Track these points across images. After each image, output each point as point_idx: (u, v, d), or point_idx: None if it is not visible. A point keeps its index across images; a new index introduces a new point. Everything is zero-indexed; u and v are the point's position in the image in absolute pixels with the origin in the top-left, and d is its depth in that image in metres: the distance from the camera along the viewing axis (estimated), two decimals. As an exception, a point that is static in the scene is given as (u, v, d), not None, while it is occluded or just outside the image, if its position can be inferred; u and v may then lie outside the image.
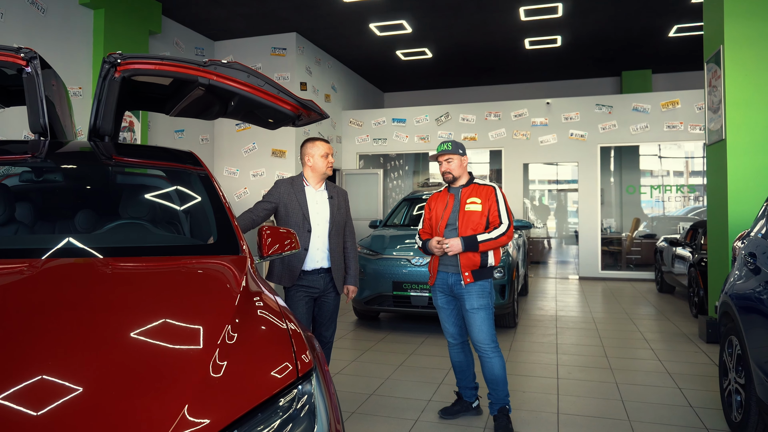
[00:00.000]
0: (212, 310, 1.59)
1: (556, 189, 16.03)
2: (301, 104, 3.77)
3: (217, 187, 2.65)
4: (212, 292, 1.73)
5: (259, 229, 2.63)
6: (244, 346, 1.44)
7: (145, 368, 1.30)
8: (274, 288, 2.15)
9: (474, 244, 3.38)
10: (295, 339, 1.54)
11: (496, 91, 13.81)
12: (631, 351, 5.38)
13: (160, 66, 3.39)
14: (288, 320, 1.67)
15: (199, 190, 2.59)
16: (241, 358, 1.38)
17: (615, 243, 12.22)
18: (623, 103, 10.80)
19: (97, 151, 2.99)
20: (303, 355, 1.49)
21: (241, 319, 1.55)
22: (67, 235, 2.36)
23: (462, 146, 3.59)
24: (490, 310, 3.47)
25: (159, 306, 1.59)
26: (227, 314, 1.54)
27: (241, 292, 1.72)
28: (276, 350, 1.47)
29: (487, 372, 3.49)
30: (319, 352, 1.67)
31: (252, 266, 2.18)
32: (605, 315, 7.24)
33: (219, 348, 1.39)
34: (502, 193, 3.57)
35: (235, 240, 2.27)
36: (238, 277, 1.87)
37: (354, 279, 3.74)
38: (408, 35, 10.09)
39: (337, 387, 4.28)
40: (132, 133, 7.30)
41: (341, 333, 6.15)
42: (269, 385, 1.33)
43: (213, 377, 1.30)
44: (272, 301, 1.78)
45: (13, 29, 6.17)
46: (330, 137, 11.35)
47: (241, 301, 1.66)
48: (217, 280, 1.86)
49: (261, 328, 1.57)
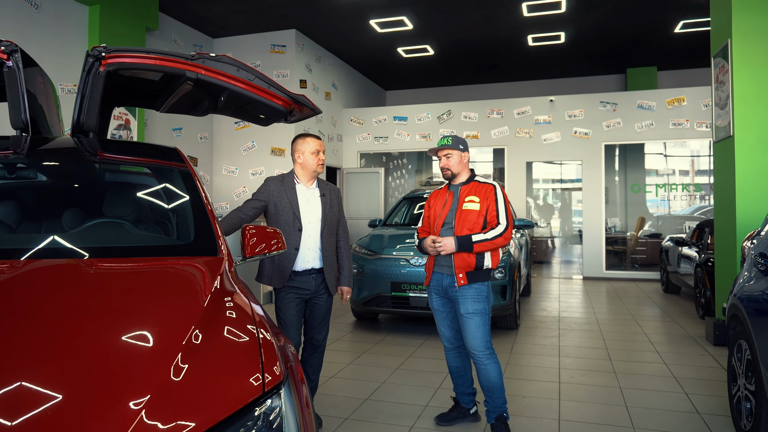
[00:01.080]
0: (174, 317, 1.46)
1: (560, 188, 15.85)
2: (293, 99, 3.65)
3: (198, 184, 2.53)
4: (177, 297, 1.60)
5: (243, 228, 2.51)
6: (205, 358, 1.31)
7: (87, 384, 1.17)
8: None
9: (468, 244, 3.24)
10: (265, 349, 1.41)
11: (499, 89, 13.66)
12: (636, 354, 5.23)
13: (145, 59, 3.27)
14: (261, 328, 1.54)
15: (179, 187, 2.47)
16: (199, 373, 1.25)
17: (620, 242, 12.05)
18: (628, 100, 10.63)
19: (77, 147, 2.87)
20: (273, 367, 1.36)
21: (206, 327, 1.42)
22: (39, 234, 2.24)
23: (463, 141, 3.44)
24: (485, 315, 3.33)
25: (117, 312, 1.46)
26: (190, 322, 1.41)
27: (211, 297, 1.60)
28: (241, 362, 1.34)
29: (483, 379, 3.35)
30: (293, 363, 1.54)
31: (231, 268, 2.06)
32: (609, 316, 7.09)
33: (175, 360, 1.26)
34: (503, 192, 3.42)
35: (214, 240, 2.14)
36: (210, 280, 1.74)
37: (348, 280, 3.61)
38: (409, 32, 9.95)
39: (331, 391, 4.16)
40: (128, 131, 7.19)
41: (338, 335, 6.02)
42: (230, 401, 1.20)
43: (165, 394, 1.17)
44: (245, 307, 1.65)
45: (5, 26, 6.06)
46: (331, 135, 11.23)
47: (209, 307, 1.53)
48: (186, 284, 1.73)
49: (227, 337, 1.44)
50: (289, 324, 3.39)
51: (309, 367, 3.57)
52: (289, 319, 3.40)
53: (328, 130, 11.12)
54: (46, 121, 3.77)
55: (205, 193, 2.50)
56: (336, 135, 11.55)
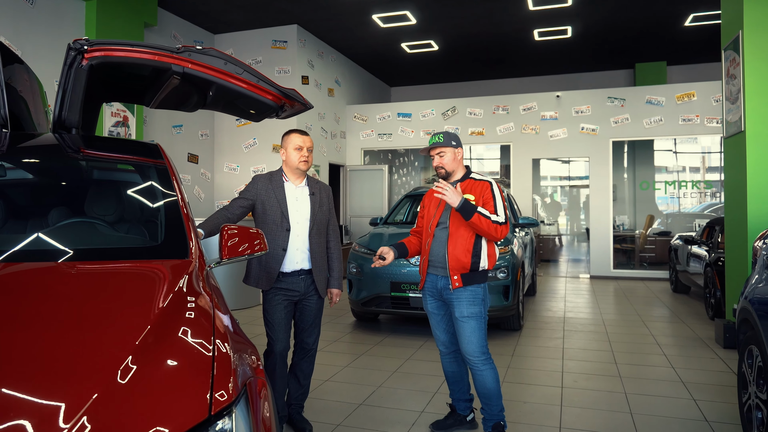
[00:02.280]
0: (117, 329, 1.32)
1: (568, 185, 15.63)
2: (283, 94, 3.52)
3: (175, 182, 2.40)
4: (127, 305, 1.47)
5: (221, 229, 2.38)
6: (146, 376, 1.17)
7: (9, 405, 1.03)
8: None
9: (471, 209, 3.02)
10: (219, 364, 1.28)
11: (505, 85, 13.46)
12: (643, 357, 5.06)
13: (129, 53, 3.16)
14: (220, 339, 1.40)
15: (153, 186, 2.34)
16: (136, 394, 1.12)
17: (628, 241, 11.84)
18: (636, 95, 10.41)
19: (54, 144, 2.75)
20: (226, 384, 1.22)
21: (153, 339, 1.29)
22: (2, 234, 2.12)
23: (456, 137, 3.29)
24: (481, 318, 3.18)
25: (54, 323, 1.33)
26: (135, 334, 1.28)
27: (166, 305, 1.46)
28: (188, 380, 1.20)
29: (479, 385, 3.20)
30: (253, 377, 1.40)
31: (201, 272, 1.93)
32: (616, 317, 6.91)
33: (109, 380, 1.12)
34: (500, 188, 3.26)
35: (184, 242, 2.01)
36: (170, 286, 1.61)
37: (338, 281, 3.48)
38: (412, 27, 9.79)
39: (324, 396, 4.03)
40: (126, 128, 7.09)
41: (337, 335, 5.89)
42: (171, 426, 1.06)
43: (94, 420, 1.03)
44: (206, 316, 1.51)
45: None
46: (334, 132, 11.09)
47: (162, 316, 1.39)
48: (141, 291, 1.59)
49: (176, 351, 1.30)
50: (277, 327, 3.27)
51: (299, 371, 3.45)
52: (277, 322, 3.27)
53: (331, 127, 10.98)
54: (32, 119, 3.67)
55: (182, 192, 2.37)
56: (339, 132, 11.41)
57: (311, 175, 10.83)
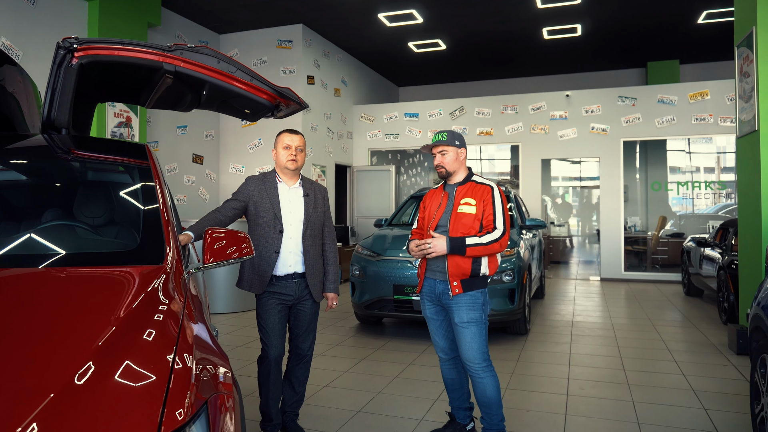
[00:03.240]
0: (68, 343, 1.23)
1: (579, 186, 15.42)
2: (278, 93, 3.44)
3: (157, 183, 2.31)
4: (84, 315, 1.38)
5: (204, 232, 2.29)
6: (93, 394, 1.08)
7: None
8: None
9: (461, 247, 2.96)
10: (176, 380, 1.18)
11: (514, 85, 13.30)
12: (652, 363, 4.91)
13: (120, 52, 3.10)
14: (183, 353, 1.30)
15: (133, 187, 2.25)
16: (78, 415, 1.02)
17: (640, 242, 11.62)
18: (648, 94, 10.21)
19: (37, 145, 2.68)
20: (180, 405, 1.12)
21: (107, 353, 1.19)
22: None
23: (460, 137, 3.18)
24: (481, 324, 3.07)
25: (12, 331, 1.24)
26: (87, 346, 1.18)
27: (128, 314, 1.37)
28: (137, 400, 1.10)
29: (479, 393, 3.08)
30: (216, 393, 1.30)
31: (178, 278, 1.83)
32: (626, 321, 6.74)
33: (54, 400, 1.02)
34: (501, 194, 3.13)
35: (161, 246, 1.92)
36: (136, 293, 1.51)
37: (334, 285, 3.38)
38: (419, 26, 9.67)
39: (322, 402, 3.93)
40: (129, 128, 7.04)
41: (339, 339, 5.79)
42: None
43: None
44: (171, 326, 1.42)
45: (0, 22, 5.93)
46: (340, 133, 11.01)
47: (121, 327, 1.30)
48: (102, 299, 1.49)
49: (129, 366, 1.20)
50: (271, 332, 3.18)
51: (294, 378, 3.35)
52: (271, 327, 3.18)
53: (338, 127, 10.90)
54: (25, 121, 3.62)
55: (163, 194, 2.28)
56: (346, 132, 11.32)
57: (317, 176, 10.68)
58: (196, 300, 1.98)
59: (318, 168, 9.97)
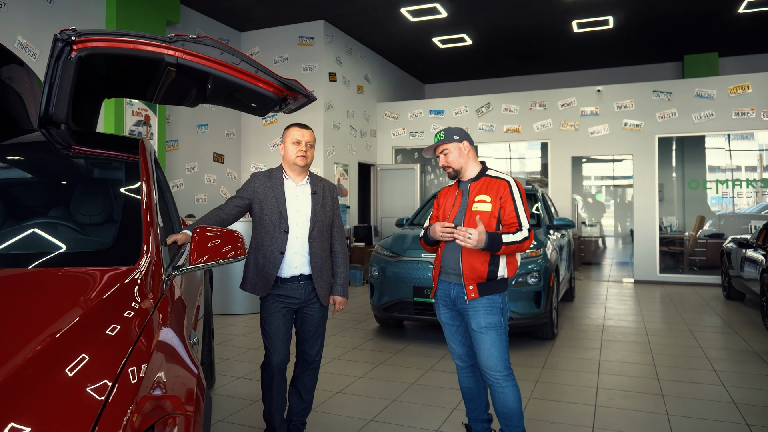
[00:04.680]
0: (4, 350, 1.05)
1: (612, 185, 14.94)
2: (284, 85, 3.27)
3: (144, 179, 2.14)
4: (27, 322, 1.20)
5: (193, 231, 2.12)
6: (10, 410, 0.90)
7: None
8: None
9: (497, 244, 2.72)
10: (116, 400, 1.00)
11: (542, 81, 12.93)
12: (689, 373, 4.58)
13: (120, 44, 2.98)
14: (135, 365, 1.12)
15: (117, 183, 2.10)
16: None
17: (676, 243, 11.14)
18: (684, 88, 9.75)
19: (34, 140, 2.57)
20: (119, 424, 0.94)
21: (37, 365, 1.02)
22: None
23: (458, 131, 2.94)
24: (501, 329, 2.83)
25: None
26: (13, 356, 1.01)
27: (77, 323, 1.19)
28: (60, 422, 0.92)
29: (499, 404, 2.85)
30: (170, 413, 1.11)
31: (155, 281, 1.66)
32: (661, 326, 6.38)
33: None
34: (520, 188, 2.89)
35: (137, 246, 1.75)
36: (94, 298, 1.34)
37: (342, 289, 3.18)
38: (443, 20, 9.42)
39: (333, 409, 3.74)
40: (148, 127, 6.99)
41: (357, 342, 5.60)
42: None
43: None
44: (127, 335, 1.24)
45: (16, 20, 5.91)
46: (363, 131, 10.83)
47: (64, 335, 1.13)
48: (54, 305, 1.31)
49: (63, 380, 1.02)
50: (275, 337, 3.00)
51: (301, 385, 3.17)
52: (275, 332, 3.00)
53: (361, 125, 10.73)
54: (30, 121, 3.55)
55: (149, 191, 2.12)
56: (369, 130, 11.14)
57: (339, 174, 10.45)
58: (178, 305, 1.81)
59: (340, 166, 9.81)
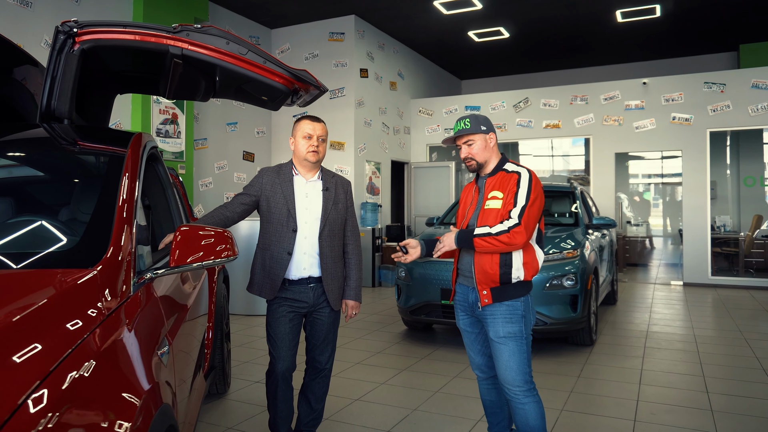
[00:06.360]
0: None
1: (661, 182, 14.25)
2: (294, 76, 3.10)
3: (126, 175, 1.98)
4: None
5: (177, 229, 1.95)
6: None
7: None
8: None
9: (467, 239, 2.52)
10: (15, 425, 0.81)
11: (584, 75, 12.41)
12: (743, 386, 4.17)
13: (123, 35, 2.88)
14: (53, 386, 0.94)
15: (94, 178, 1.94)
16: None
17: (731, 244, 10.47)
18: (739, 79, 9.12)
19: (28, 135, 2.46)
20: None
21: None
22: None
23: (485, 120, 2.68)
24: (522, 339, 2.56)
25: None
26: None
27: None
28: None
29: (519, 422, 2.58)
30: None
31: (113, 285, 1.49)
32: (712, 333, 5.92)
33: None
34: (533, 179, 2.56)
35: (102, 246, 1.58)
36: (24, 305, 1.17)
37: (355, 292, 2.97)
38: (478, 12, 9.09)
39: (349, 418, 3.53)
40: (175, 125, 6.96)
41: (382, 346, 5.39)
42: None
43: None
44: (54, 348, 1.06)
45: (43, 19, 5.94)
46: (397, 128, 10.61)
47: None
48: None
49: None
50: (280, 343, 2.82)
51: (310, 393, 2.98)
52: (280, 337, 2.82)
53: (394, 122, 10.50)
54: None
55: (131, 188, 1.95)
56: (403, 127, 10.90)
57: (371, 172, 10.18)
58: (147, 313, 1.63)
59: (372, 165, 9.62)
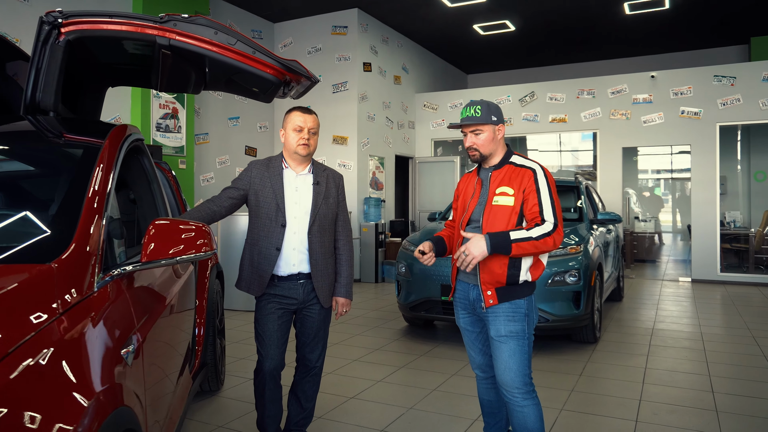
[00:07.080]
0: None
1: (670, 178, 14.06)
2: (285, 66, 3.02)
3: (100, 166, 1.92)
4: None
5: (150, 223, 1.87)
6: None
7: None
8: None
9: (504, 245, 2.33)
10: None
11: (591, 69, 12.26)
12: (750, 386, 4.05)
13: (109, 25, 2.83)
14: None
15: (68, 169, 1.88)
16: None
17: (741, 240, 10.30)
18: (750, 72, 8.93)
19: (24, 127, 2.41)
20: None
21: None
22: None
23: (496, 110, 2.56)
24: (523, 339, 2.46)
25: None
26: None
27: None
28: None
29: (517, 425, 2.49)
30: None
31: (73, 281, 1.42)
32: (719, 331, 5.80)
33: None
34: (548, 176, 2.49)
35: (64, 241, 1.51)
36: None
37: (346, 289, 2.89)
38: (483, 5, 8.97)
39: (342, 417, 3.46)
40: (176, 120, 6.91)
41: (381, 342, 5.32)
42: None
43: None
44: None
45: (41, 14, 5.88)
46: (401, 123, 10.50)
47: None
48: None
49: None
50: (268, 340, 2.75)
51: (300, 392, 2.91)
52: (268, 335, 2.75)
53: (398, 116, 10.40)
54: None
55: (104, 180, 1.89)
56: (407, 122, 10.80)
57: (374, 167, 10.08)
58: (113, 310, 1.56)
59: (375, 159, 9.53)
